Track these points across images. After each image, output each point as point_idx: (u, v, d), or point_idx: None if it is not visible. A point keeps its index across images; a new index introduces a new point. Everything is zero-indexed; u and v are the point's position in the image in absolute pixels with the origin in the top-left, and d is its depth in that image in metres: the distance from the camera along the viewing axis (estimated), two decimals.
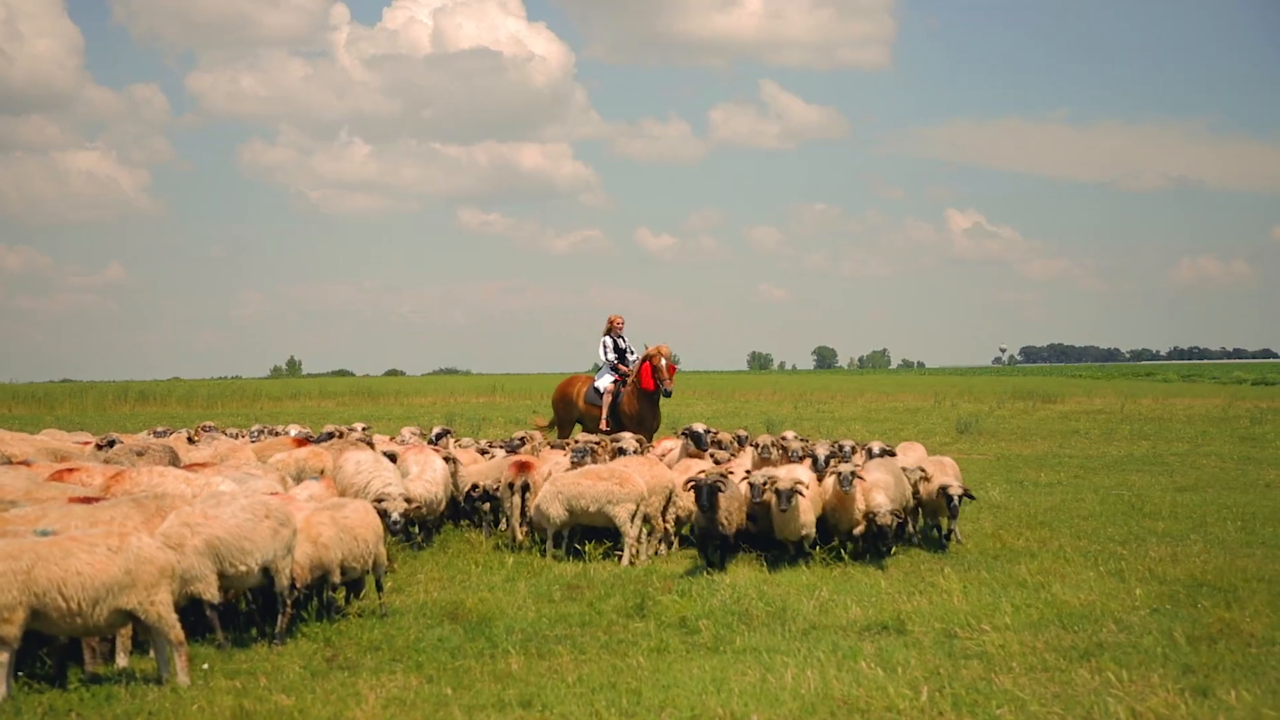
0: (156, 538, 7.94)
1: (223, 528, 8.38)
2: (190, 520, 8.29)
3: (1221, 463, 23.62)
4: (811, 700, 7.07)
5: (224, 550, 8.20)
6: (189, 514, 8.43)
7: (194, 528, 8.21)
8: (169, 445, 12.56)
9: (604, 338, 19.83)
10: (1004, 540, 12.87)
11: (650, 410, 18.74)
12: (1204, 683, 7.34)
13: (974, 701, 7.04)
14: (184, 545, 8.06)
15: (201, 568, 8.06)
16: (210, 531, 8.26)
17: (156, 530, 8.24)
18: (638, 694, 7.26)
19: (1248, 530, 13.62)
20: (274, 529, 8.72)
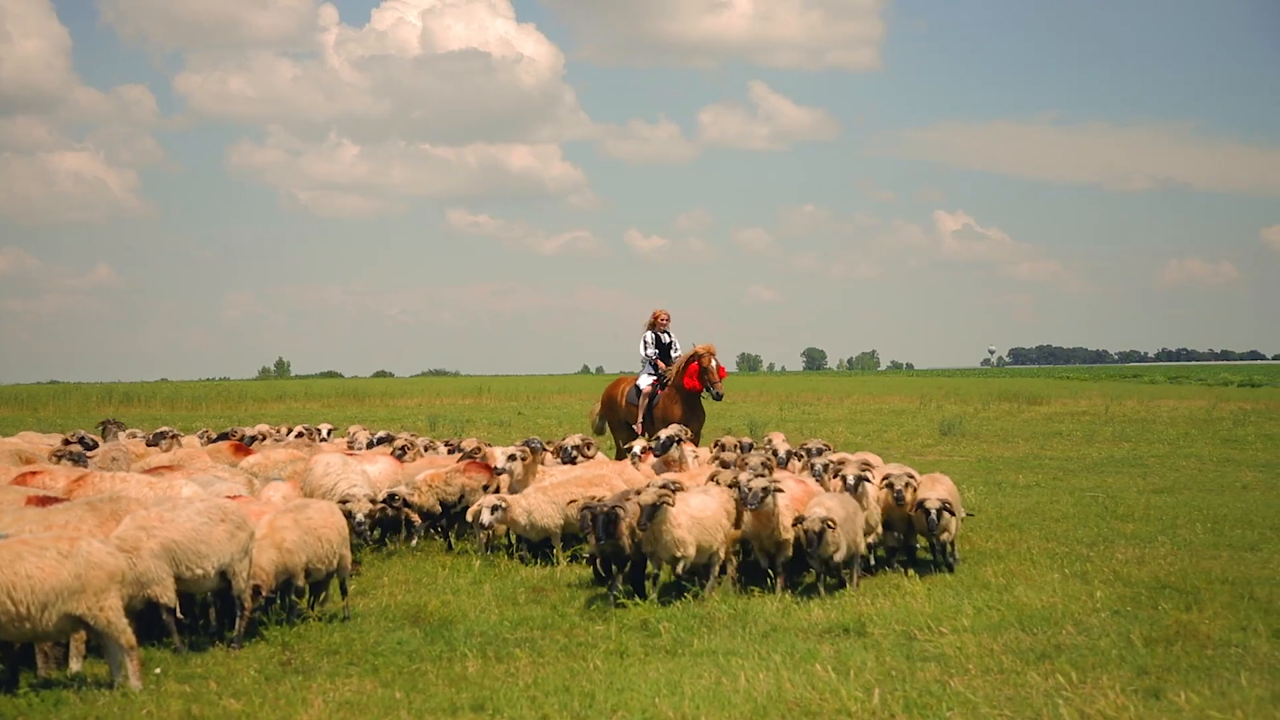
0: (110, 541, 7.90)
1: (178, 531, 8.34)
2: (146, 523, 8.27)
3: (1201, 464, 23.69)
4: (763, 703, 7.07)
5: (180, 553, 8.17)
6: (144, 517, 8.40)
7: (149, 531, 8.18)
8: (123, 447, 12.53)
9: (646, 333, 18.80)
10: (973, 542, 12.88)
11: (689, 413, 17.53)
12: (1157, 685, 7.35)
13: (925, 704, 7.04)
14: (139, 549, 8.02)
15: (157, 571, 8.03)
16: (166, 535, 8.22)
17: (112, 534, 8.21)
18: (591, 697, 7.25)
19: (1216, 532, 13.66)
20: (230, 532, 8.69)
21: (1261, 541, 12.90)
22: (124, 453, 12.03)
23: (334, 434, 17.69)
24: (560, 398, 56.31)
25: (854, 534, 10.21)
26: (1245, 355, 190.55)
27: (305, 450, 13.76)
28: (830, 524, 9.78)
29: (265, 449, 13.77)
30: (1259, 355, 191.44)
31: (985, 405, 46.65)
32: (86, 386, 61.68)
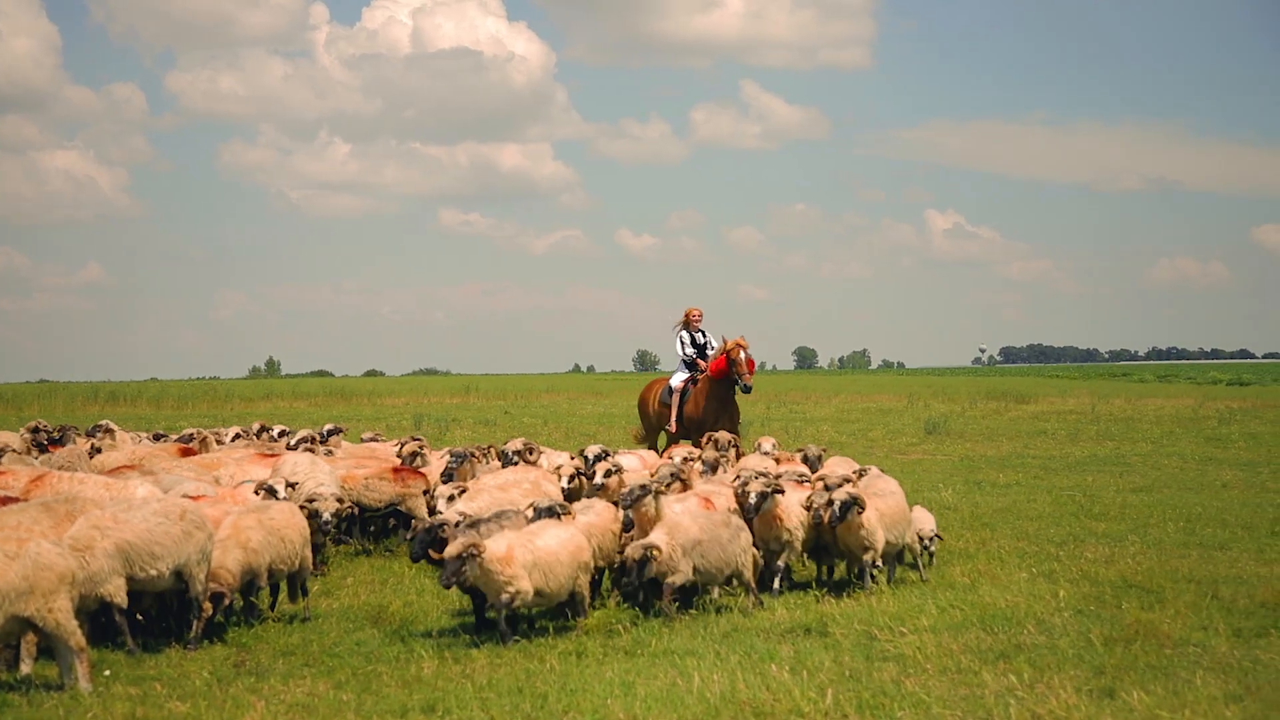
0: (64, 541, 7.84)
1: (132, 531, 8.29)
2: (100, 524, 8.23)
3: (1183, 463, 23.72)
4: (716, 703, 7.04)
5: (133, 554, 8.12)
6: (98, 518, 8.35)
7: (103, 531, 8.14)
8: (80, 452, 12.48)
9: (680, 332, 18.14)
10: (943, 542, 12.83)
11: (720, 408, 16.91)
12: (1112, 684, 7.34)
13: (878, 704, 7.02)
14: (93, 548, 7.96)
15: (110, 571, 7.96)
16: (120, 535, 8.16)
17: (66, 535, 8.15)
18: (544, 698, 7.22)
19: (1187, 531, 13.66)
20: (187, 532, 8.61)
21: (1232, 540, 12.90)
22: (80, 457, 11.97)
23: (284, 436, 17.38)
24: (548, 397, 56.23)
25: (720, 555, 9.41)
26: (1235, 354, 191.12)
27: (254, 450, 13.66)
28: (654, 552, 9.04)
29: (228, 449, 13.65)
30: (1249, 354, 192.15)
31: (972, 404, 46.68)
32: (73, 386, 61.46)
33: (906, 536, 10.82)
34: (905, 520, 10.81)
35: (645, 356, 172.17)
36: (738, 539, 9.62)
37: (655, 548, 9.11)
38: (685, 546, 9.28)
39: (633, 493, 9.85)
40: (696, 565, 9.30)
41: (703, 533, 9.41)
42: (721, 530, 9.56)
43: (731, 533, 9.60)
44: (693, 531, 9.38)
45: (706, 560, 9.35)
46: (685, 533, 9.35)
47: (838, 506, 9.90)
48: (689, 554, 9.28)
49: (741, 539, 9.65)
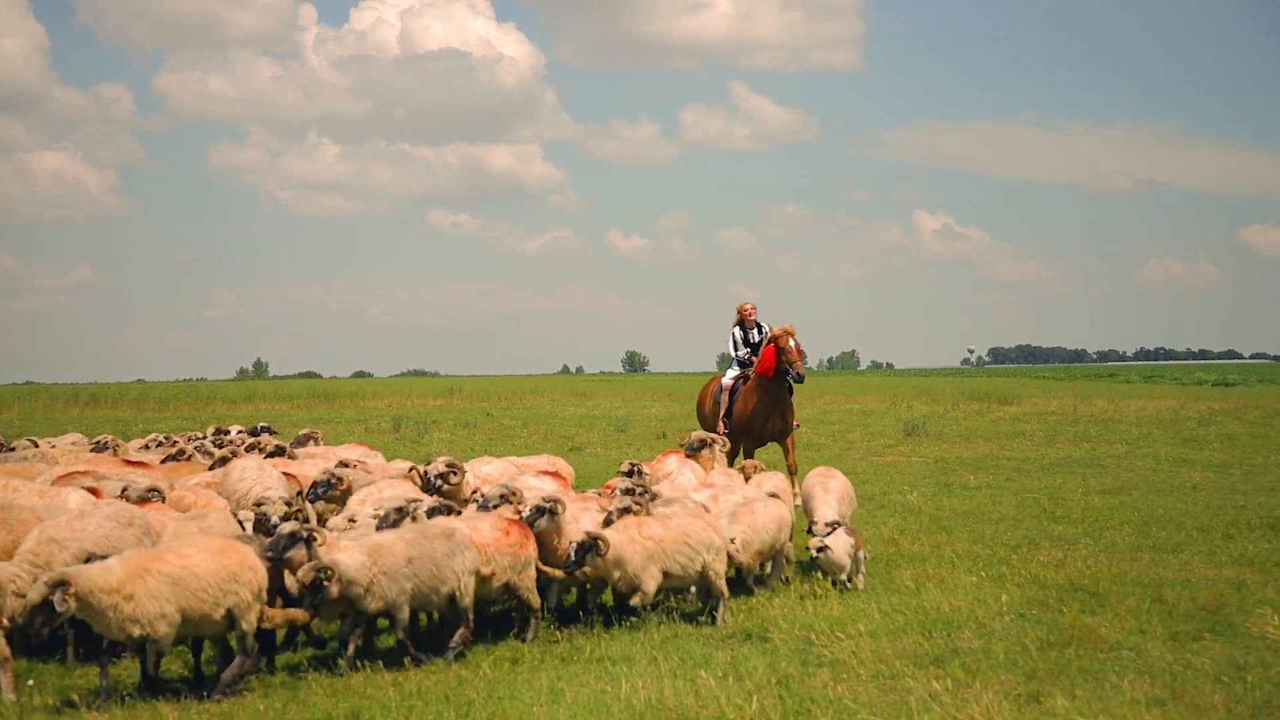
0: (23, 559, 7.89)
1: (90, 540, 8.42)
2: (57, 535, 8.40)
3: (1156, 465, 23.75)
4: (642, 710, 7.03)
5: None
6: (54, 529, 8.50)
7: (62, 543, 8.25)
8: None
9: (733, 329, 17.32)
10: (899, 545, 12.86)
11: (771, 406, 16.08)
12: (1040, 689, 7.35)
13: (803, 710, 7.02)
14: (52, 562, 8.02)
15: None
16: (79, 545, 8.25)
17: (20, 550, 8.16)
18: (469, 705, 7.21)
19: (1142, 534, 13.67)
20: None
21: (1185, 543, 12.91)
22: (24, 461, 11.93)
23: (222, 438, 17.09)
24: (532, 398, 56.15)
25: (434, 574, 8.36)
26: (1223, 354, 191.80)
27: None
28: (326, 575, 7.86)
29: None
30: (1236, 355, 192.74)
31: (954, 405, 46.70)
32: (54, 388, 61.33)
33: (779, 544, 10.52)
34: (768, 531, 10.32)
35: (634, 357, 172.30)
36: (458, 556, 8.49)
37: (326, 569, 7.87)
38: (391, 569, 8.12)
39: (530, 514, 9.31)
40: (408, 588, 8.21)
41: (412, 549, 8.30)
42: (436, 545, 8.43)
43: (451, 548, 8.47)
44: (397, 551, 8.26)
45: (420, 581, 8.26)
46: (390, 554, 8.20)
47: (573, 552, 8.87)
48: (397, 577, 8.12)
49: (463, 558, 8.51)
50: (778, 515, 10.53)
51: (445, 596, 8.46)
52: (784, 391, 16.09)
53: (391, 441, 30.93)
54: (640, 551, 9.07)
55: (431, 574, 8.32)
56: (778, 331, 16.00)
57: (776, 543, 10.51)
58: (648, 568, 9.07)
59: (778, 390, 16.04)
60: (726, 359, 17.97)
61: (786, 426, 16.18)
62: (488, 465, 12.49)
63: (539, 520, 9.29)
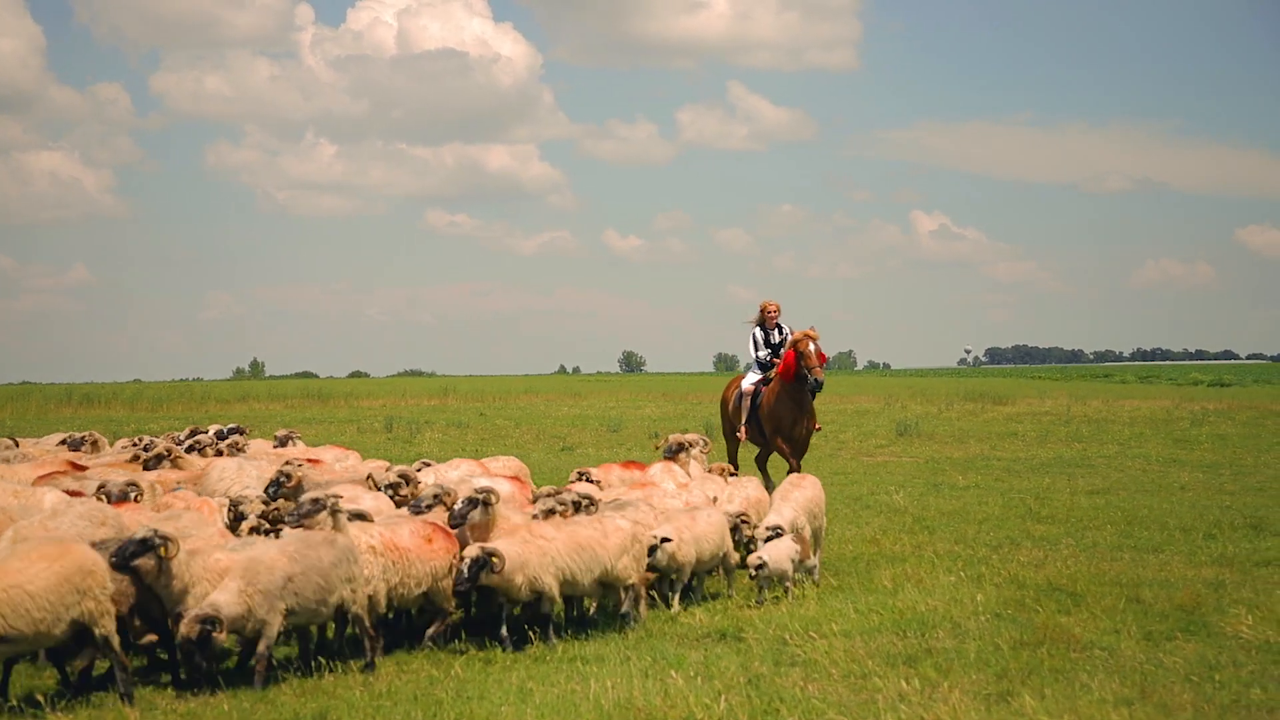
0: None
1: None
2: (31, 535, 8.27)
3: (1146, 465, 23.77)
4: (610, 710, 7.02)
5: None
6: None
7: None
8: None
9: (754, 330, 16.64)
10: (880, 545, 12.85)
11: (796, 410, 15.56)
12: (1010, 688, 7.34)
13: (771, 710, 7.02)
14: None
15: None
16: None
17: None
18: (438, 705, 7.20)
19: (1124, 534, 13.67)
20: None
21: (1167, 543, 12.91)
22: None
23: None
24: (526, 398, 56.15)
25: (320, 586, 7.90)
26: (1220, 355, 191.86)
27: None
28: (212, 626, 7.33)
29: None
30: (1233, 355, 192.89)
31: (948, 405, 46.72)
32: (47, 388, 61.31)
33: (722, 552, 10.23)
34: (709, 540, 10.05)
35: (631, 358, 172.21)
36: (345, 564, 8.03)
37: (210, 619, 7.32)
38: (269, 588, 7.62)
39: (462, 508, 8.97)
40: (290, 606, 7.70)
41: (294, 564, 7.79)
42: (322, 554, 7.93)
43: (337, 556, 8.00)
44: (278, 569, 7.73)
45: (302, 598, 7.75)
46: (270, 571, 7.67)
47: (465, 568, 8.43)
48: (274, 596, 7.62)
49: (349, 566, 8.06)
50: (720, 524, 10.24)
51: (334, 607, 7.97)
52: (806, 395, 15.59)
53: (383, 442, 30.92)
54: (535, 553, 8.70)
55: (317, 586, 7.79)
56: (799, 336, 15.50)
57: (719, 551, 10.17)
58: (546, 573, 8.70)
59: (800, 393, 15.52)
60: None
61: (809, 431, 15.83)
62: (455, 470, 12.26)
63: (472, 513, 8.87)
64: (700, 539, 9.96)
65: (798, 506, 10.90)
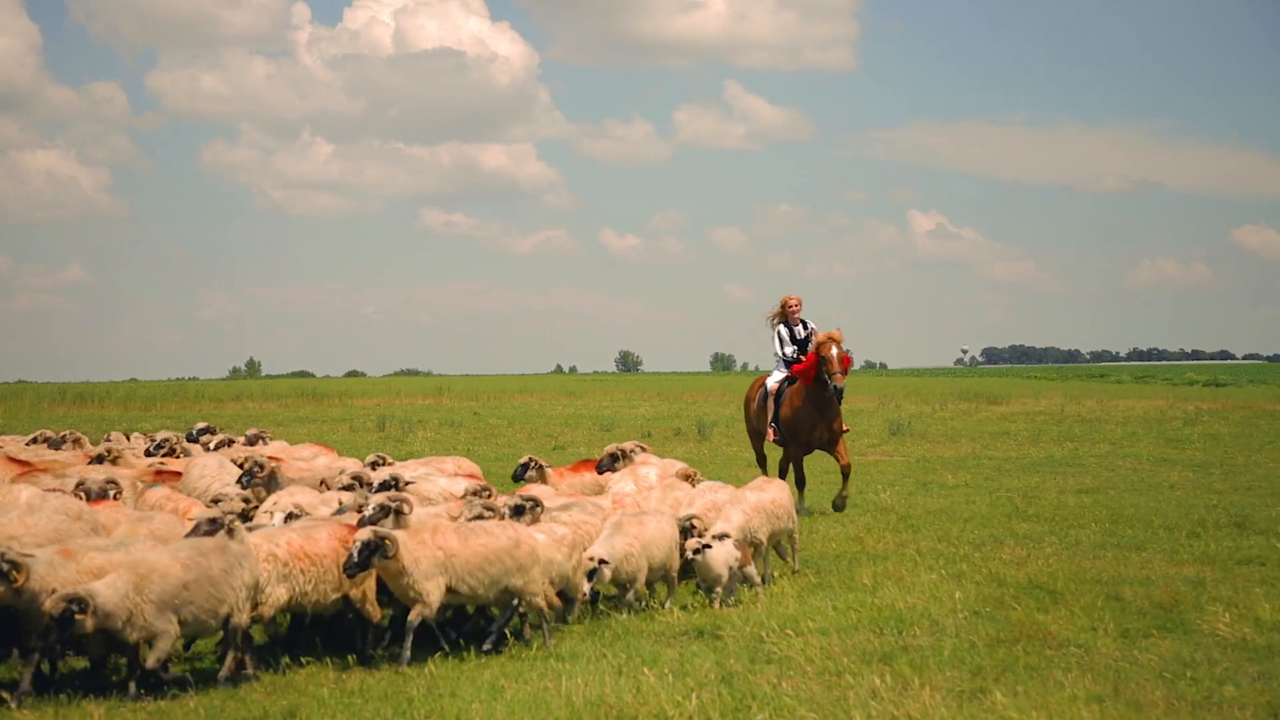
0: None
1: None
2: (13, 533, 8.35)
3: (1137, 464, 23.77)
4: (581, 707, 6.99)
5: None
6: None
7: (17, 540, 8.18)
8: None
9: (778, 327, 16.14)
10: (864, 543, 12.84)
11: (817, 413, 15.18)
12: (983, 685, 7.32)
13: (743, 707, 7.00)
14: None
15: None
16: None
17: None
18: (409, 702, 7.17)
19: (1108, 532, 13.65)
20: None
21: (1150, 541, 12.90)
22: None
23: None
24: (521, 397, 56.12)
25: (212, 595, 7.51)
26: (1216, 355, 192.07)
27: None
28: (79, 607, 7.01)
29: None
30: (1229, 355, 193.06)
31: (943, 405, 46.71)
32: (40, 386, 61.20)
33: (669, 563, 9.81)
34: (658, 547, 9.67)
35: (628, 357, 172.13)
36: (239, 570, 7.65)
37: (78, 599, 6.97)
38: (161, 597, 7.21)
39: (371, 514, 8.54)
40: (184, 617, 7.32)
41: (189, 571, 7.39)
42: (213, 561, 7.55)
43: (229, 563, 7.61)
44: (173, 575, 7.32)
45: (197, 607, 7.38)
46: (164, 579, 7.26)
47: (355, 551, 7.91)
48: (167, 606, 7.22)
49: (242, 572, 7.67)
50: (666, 533, 9.80)
51: (223, 618, 7.58)
52: (829, 398, 15.16)
53: (375, 441, 30.89)
54: (429, 559, 8.14)
55: (209, 595, 7.44)
56: (822, 337, 15.16)
57: (667, 561, 9.77)
58: (433, 578, 8.13)
59: (822, 396, 15.11)
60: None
61: (834, 435, 15.36)
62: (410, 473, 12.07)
63: (383, 520, 8.42)
64: (650, 545, 9.59)
65: (751, 511, 10.47)
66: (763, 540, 10.50)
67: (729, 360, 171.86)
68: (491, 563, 8.39)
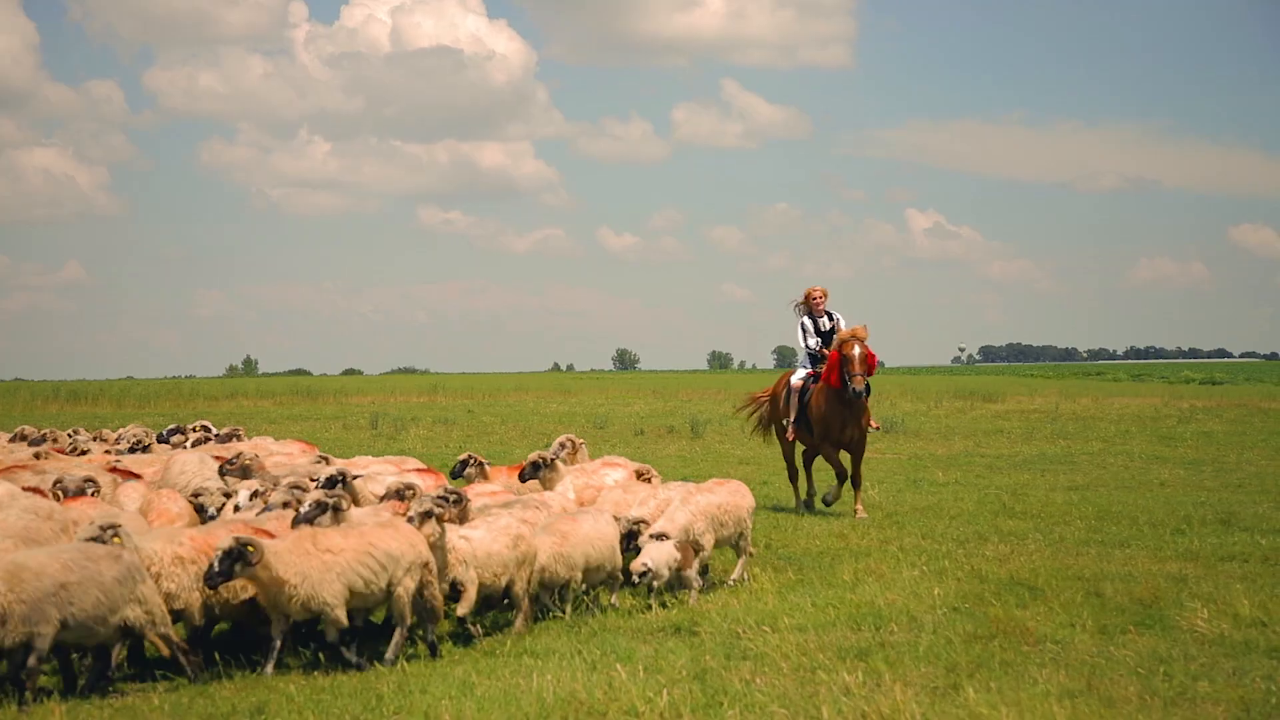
0: None
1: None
2: None
3: (1128, 461, 23.73)
4: (551, 704, 6.95)
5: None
6: None
7: None
8: None
9: (802, 319, 15.57)
10: (847, 540, 12.79)
11: (845, 411, 14.67)
12: (957, 681, 7.27)
13: (714, 704, 6.96)
14: None
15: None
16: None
17: None
18: (379, 698, 7.13)
19: (1094, 529, 13.61)
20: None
21: (1134, 538, 12.85)
22: None
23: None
24: (516, 395, 56.06)
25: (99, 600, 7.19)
26: (1213, 353, 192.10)
27: None
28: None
29: None
30: (1227, 354, 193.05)
31: (938, 403, 46.68)
32: (35, 384, 61.11)
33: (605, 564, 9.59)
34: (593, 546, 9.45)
35: (625, 355, 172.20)
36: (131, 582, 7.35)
37: None
38: (33, 596, 6.89)
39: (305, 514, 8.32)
40: (64, 617, 7.01)
41: (70, 573, 7.09)
42: (104, 568, 7.24)
43: (123, 571, 7.31)
44: (49, 574, 7.01)
45: (79, 609, 7.07)
46: (39, 578, 6.95)
47: (217, 561, 7.49)
48: (42, 605, 6.91)
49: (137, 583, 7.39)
50: (603, 533, 9.53)
51: (116, 627, 7.29)
52: (850, 401, 14.71)
53: (367, 438, 30.86)
54: (317, 565, 7.67)
55: (97, 600, 7.12)
56: (845, 335, 14.59)
57: (605, 562, 9.53)
58: (327, 584, 7.68)
59: (847, 399, 14.67)
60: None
61: (861, 434, 14.96)
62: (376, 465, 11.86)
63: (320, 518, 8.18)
64: (583, 544, 9.30)
65: (698, 512, 10.08)
66: (705, 546, 10.10)
67: (726, 359, 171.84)
68: (375, 556, 7.91)
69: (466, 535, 8.71)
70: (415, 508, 8.41)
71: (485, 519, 9.12)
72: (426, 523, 8.31)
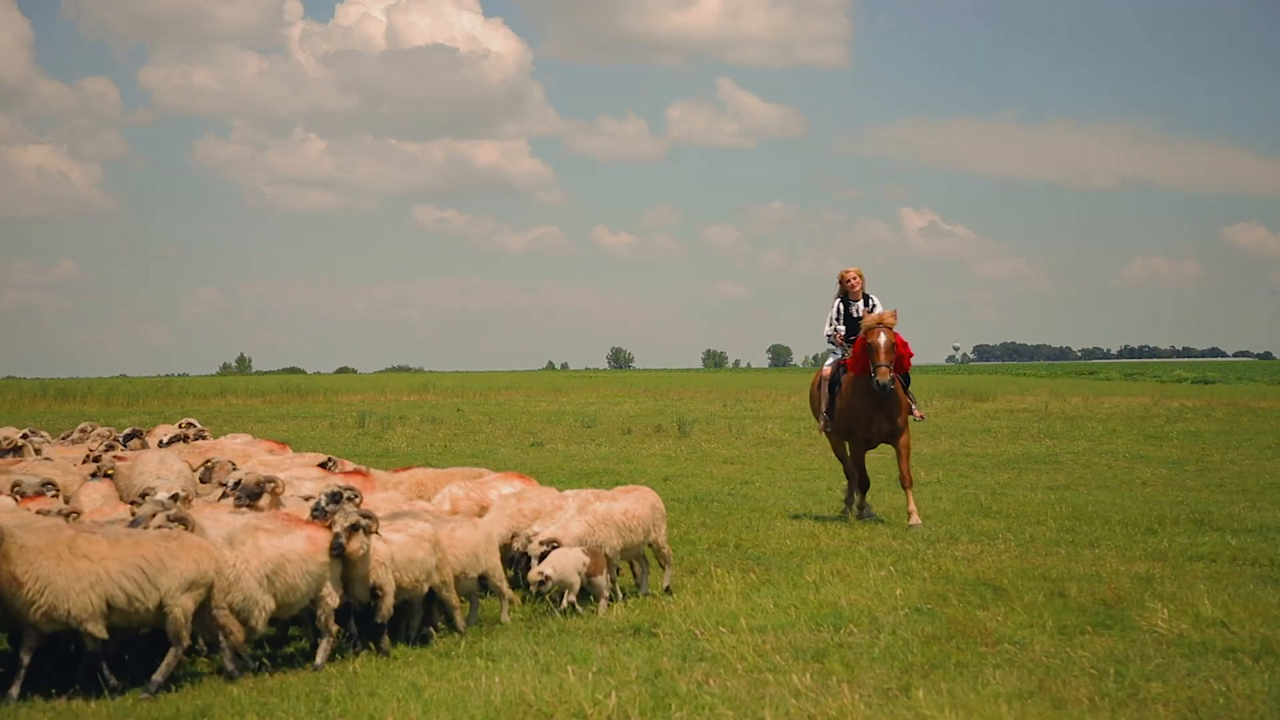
0: None
1: None
2: None
3: (1112, 461, 23.70)
4: (500, 706, 6.89)
5: None
6: None
7: None
8: None
9: (835, 301, 14.74)
10: (817, 540, 12.74)
11: (874, 403, 13.75)
12: (909, 682, 7.21)
13: (662, 705, 6.89)
14: None
15: None
16: None
17: None
18: (326, 701, 7.06)
19: (1066, 529, 13.56)
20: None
21: (1105, 538, 12.80)
22: None
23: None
24: (506, 394, 56.02)
25: None
26: (1206, 352, 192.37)
27: None
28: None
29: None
30: (1220, 353, 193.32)
31: (928, 402, 46.55)
32: (23, 382, 60.94)
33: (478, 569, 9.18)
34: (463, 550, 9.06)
35: (619, 354, 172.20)
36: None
37: None
38: None
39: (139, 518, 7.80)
40: None
41: None
42: None
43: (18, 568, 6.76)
44: None
45: None
46: None
47: None
48: None
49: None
50: (475, 538, 9.13)
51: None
52: (878, 392, 13.74)
53: (354, 436, 30.84)
54: (69, 574, 6.93)
55: None
56: (870, 321, 13.61)
57: (477, 569, 9.12)
58: (76, 594, 6.94)
59: (876, 389, 13.67)
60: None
61: (895, 428, 14.01)
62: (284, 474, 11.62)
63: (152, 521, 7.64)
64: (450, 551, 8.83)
65: (596, 521, 9.70)
66: (611, 554, 9.76)
67: (720, 357, 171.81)
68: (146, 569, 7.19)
69: (386, 537, 8.35)
70: (340, 521, 7.97)
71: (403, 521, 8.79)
72: (354, 537, 7.98)
